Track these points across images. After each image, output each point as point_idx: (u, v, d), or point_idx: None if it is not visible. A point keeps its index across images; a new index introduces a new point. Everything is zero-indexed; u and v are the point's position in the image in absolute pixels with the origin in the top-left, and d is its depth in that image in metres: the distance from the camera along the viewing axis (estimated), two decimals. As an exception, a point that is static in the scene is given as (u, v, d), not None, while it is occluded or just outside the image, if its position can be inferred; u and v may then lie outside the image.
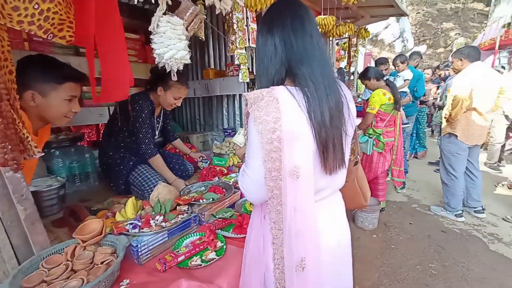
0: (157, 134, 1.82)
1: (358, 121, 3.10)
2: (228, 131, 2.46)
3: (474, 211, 2.85)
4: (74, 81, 1.08)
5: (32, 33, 0.81)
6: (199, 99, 2.88)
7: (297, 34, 0.70)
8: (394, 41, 14.97)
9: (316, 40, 0.72)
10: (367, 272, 2.06)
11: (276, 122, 0.64)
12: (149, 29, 1.14)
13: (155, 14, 1.12)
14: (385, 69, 3.87)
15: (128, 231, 1.03)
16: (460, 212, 2.78)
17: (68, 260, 0.88)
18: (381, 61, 3.95)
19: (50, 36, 0.83)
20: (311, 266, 0.70)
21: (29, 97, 0.98)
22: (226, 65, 2.50)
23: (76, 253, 0.91)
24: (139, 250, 0.95)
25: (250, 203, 1.27)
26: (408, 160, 4.28)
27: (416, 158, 4.93)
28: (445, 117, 2.72)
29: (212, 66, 2.66)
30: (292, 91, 0.69)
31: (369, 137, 2.73)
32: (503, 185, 3.62)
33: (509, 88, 2.62)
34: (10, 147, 0.74)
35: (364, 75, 2.78)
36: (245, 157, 0.76)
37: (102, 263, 0.87)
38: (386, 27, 14.78)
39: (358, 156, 1.06)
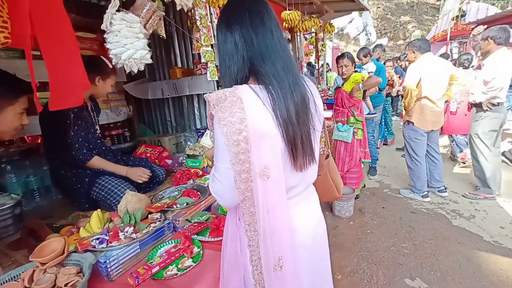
0: (97, 130, 1.64)
1: (327, 114, 3.20)
2: (201, 131, 2.39)
3: (438, 191, 3.08)
4: (27, 94, 1.05)
5: (-43, 35, 0.70)
6: (169, 100, 2.77)
7: (257, 30, 0.69)
8: (359, 34, 15.68)
9: (277, 35, 0.71)
10: (346, 258, 2.14)
11: (242, 122, 0.62)
12: (101, 27, 1.05)
13: (107, 11, 1.03)
14: None
15: (94, 247, 0.96)
16: (426, 193, 2.99)
17: (26, 287, 0.80)
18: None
19: (-20, 38, 0.73)
20: (288, 264, 0.70)
21: None
22: (194, 63, 2.42)
23: (35, 278, 0.82)
24: (108, 266, 0.88)
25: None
26: (378, 148, 4.50)
27: (386, 145, 5.22)
28: (403, 106, 2.91)
29: (179, 65, 2.56)
30: (255, 89, 0.67)
31: (350, 126, 2.81)
32: (458, 163, 3.97)
33: (461, 75, 2.85)
34: None
35: (346, 56, 2.78)
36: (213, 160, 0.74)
37: (66, 285, 0.80)
38: (351, 21, 15.41)
39: (329, 150, 1.08)
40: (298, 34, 4.93)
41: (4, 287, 0.79)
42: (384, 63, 4.64)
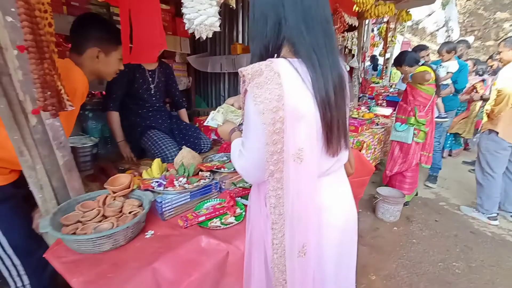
0: (152, 89, 1.72)
1: (386, 111, 2.90)
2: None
3: (511, 216, 2.63)
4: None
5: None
6: (225, 75, 2.87)
7: None
8: (437, 30, 13.71)
9: (324, 5, 0.64)
10: (384, 261, 2.01)
11: (279, 100, 0.58)
12: (181, -9, 1.12)
13: (190, -26, 1.09)
14: (422, 57, 3.51)
15: (153, 188, 1.08)
16: (495, 215, 2.57)
17: (100, 207, 0.94)
18: (420, 48, 3.59)
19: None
20: (312, 251, 0.68)
21: (95, 53, 1.10)
22: (255, 41, 2.44)
23: (107, 202, 0.97)
24: (163, 206, 0.99)
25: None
26: (443, 157, 4.00)
27: (450, 156, 4.60)
28: (486, 113, 2.47)
29: (240, 41, 2.61)
30: (294, 63, 0.61)
31: (409, 126, 2.56)
32: None
33: None
34: (49, 93, 0.78)
35: (397, 61, 2.58)
36: (241, 137, 0.72)
37: (130, 213, 0.92)
38: (430, 15, 13.54)
39: None
40: (366, 22, 4.54)
41: (86, 203, 0.95)
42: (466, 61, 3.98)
